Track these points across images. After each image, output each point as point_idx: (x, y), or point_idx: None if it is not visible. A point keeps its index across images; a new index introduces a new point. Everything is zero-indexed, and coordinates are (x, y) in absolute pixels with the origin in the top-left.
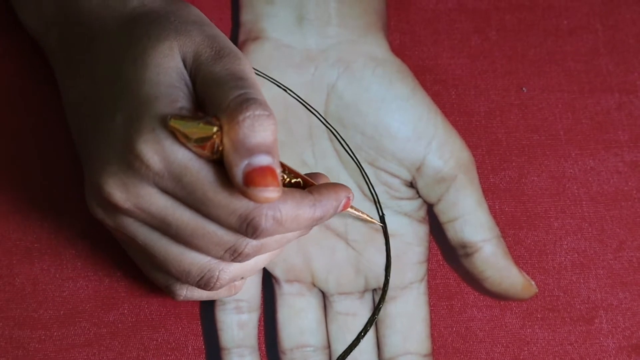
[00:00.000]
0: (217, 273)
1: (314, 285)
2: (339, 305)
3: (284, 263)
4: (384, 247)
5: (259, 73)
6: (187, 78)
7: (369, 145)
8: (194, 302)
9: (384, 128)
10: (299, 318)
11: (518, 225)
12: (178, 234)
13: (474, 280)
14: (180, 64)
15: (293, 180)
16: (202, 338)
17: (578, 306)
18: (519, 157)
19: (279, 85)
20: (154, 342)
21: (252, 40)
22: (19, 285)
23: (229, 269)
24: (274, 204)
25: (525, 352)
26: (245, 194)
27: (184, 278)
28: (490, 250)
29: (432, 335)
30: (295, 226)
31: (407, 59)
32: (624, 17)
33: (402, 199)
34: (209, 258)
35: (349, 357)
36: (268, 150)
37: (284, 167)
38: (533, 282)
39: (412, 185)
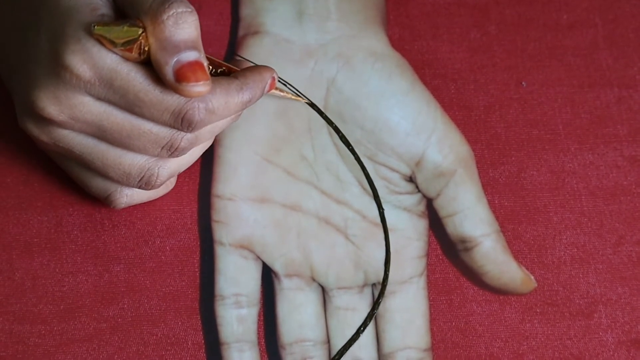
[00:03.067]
0: (156, 170)
1: (314, 280)
2: (339, 299)
3: (283, 258)
4: (384, 242)
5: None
6: None
7: (368, 139)
8: (193, 297)
9: (384, 122)
10: (298, 313)
11: (517, 219)
12: (115, 138)
13: (473, 275)
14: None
15: (219, 70)
16: (201, 333)
17: (577, 301)
18: (518, 152)
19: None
20: (154, 337)
21: (252, 35)
22: (18, 280)
23: (167, 165)
24: (203, 96)
25: (525, 346)
26: (177, 91)
27: (125, 180)
28: (490, 245)
29: (431, 330)
30: (226, 113)
31: (406, 53)
32: (624, 12)
33: (401, 193)
34: (146, 157)
35: (348, 351)
36: (194, 46)
37: (208, 59)
38: (532, 277)
39: (411, 179)
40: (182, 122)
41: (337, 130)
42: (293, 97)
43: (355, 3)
